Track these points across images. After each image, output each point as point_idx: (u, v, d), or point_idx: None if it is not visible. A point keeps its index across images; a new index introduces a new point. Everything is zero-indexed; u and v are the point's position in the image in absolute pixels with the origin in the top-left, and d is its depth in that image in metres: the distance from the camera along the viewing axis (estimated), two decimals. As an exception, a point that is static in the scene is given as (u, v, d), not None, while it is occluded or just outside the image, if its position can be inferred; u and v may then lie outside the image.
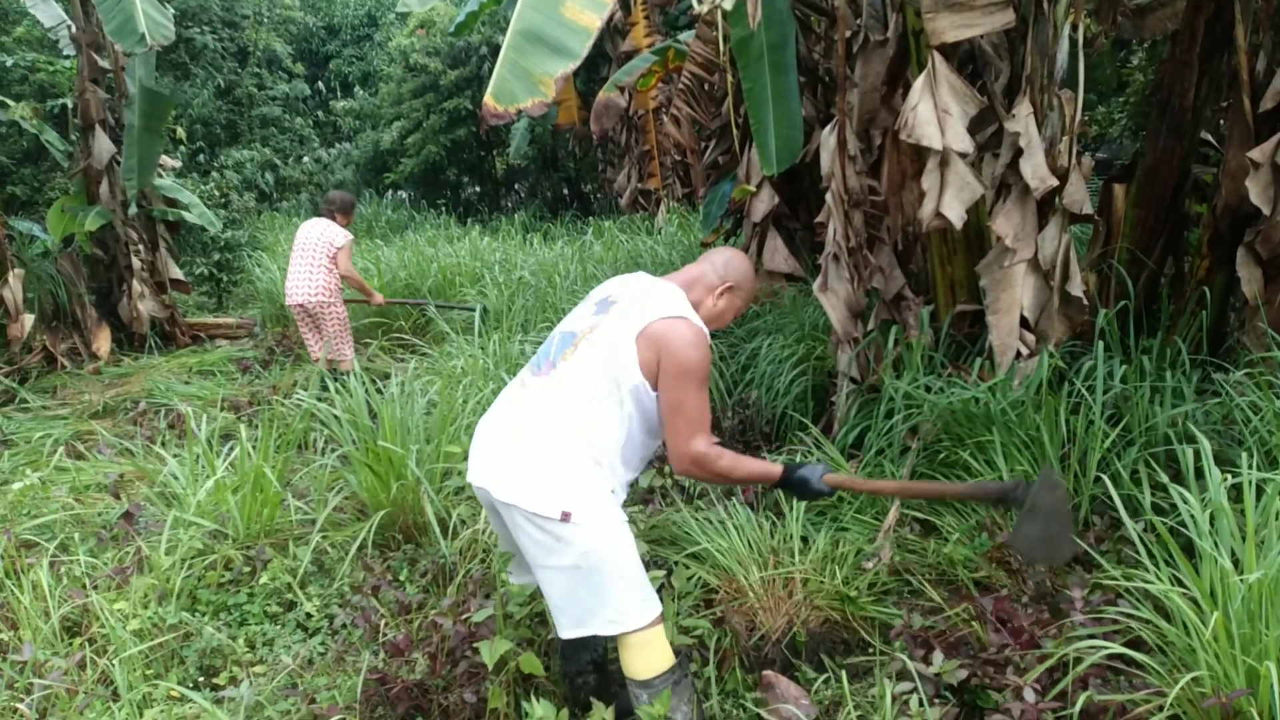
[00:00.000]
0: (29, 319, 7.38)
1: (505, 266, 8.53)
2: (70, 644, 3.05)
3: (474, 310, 6.63)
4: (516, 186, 18.79)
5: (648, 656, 2.30)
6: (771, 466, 2.45)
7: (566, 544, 2.21)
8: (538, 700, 2.39)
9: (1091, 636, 2.53)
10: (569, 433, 2.25)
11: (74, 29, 8.03)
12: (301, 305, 6.23)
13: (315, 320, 6.35)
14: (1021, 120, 3.61)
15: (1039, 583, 2.98)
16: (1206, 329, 3.96)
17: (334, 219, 6.43)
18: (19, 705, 2.70)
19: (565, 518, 2.18)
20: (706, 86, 6.55)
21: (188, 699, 2.71)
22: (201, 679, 2.95)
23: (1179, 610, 2.33)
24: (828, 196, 4.26)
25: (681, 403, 2.26)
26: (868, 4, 4.15)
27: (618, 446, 2.30)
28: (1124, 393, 3.64)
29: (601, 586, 2.25)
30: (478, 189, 18.59)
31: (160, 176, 8.85)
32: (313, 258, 6.20)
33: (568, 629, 2.31)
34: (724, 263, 2.52)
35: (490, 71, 3.96)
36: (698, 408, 2.28)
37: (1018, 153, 3.63)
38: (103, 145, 7.99)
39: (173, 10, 7.66)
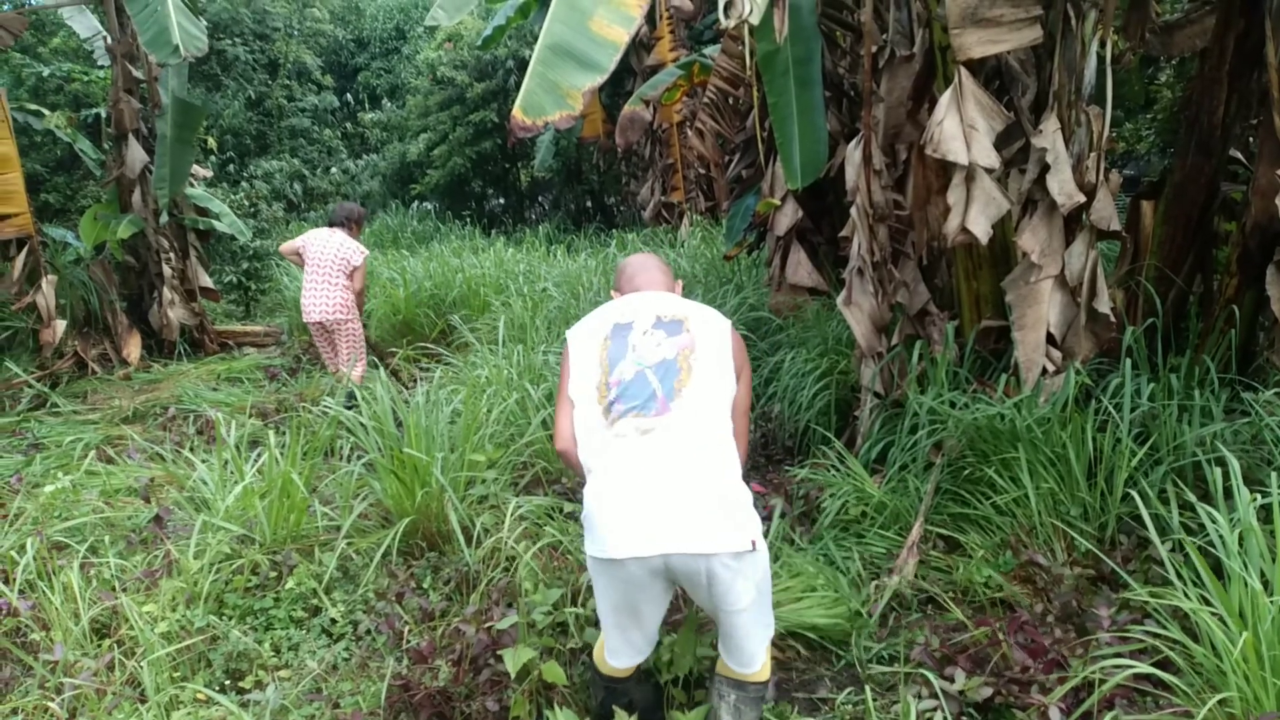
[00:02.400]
0: (61, 325, 7.50)
1: (529, 278, 8.58)
2: (100, 645, 3.09)
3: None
4: (540, 199, 18.89)
5: (768, 659, 2.39)
6: None
7: (750, 574, 2.17)
8: (560, 709, 2.41)
9: (1118, 656, 2.51)
10: (725, 458, 2.20)
11: (109, 40, 8.18)
12: (320, 323, 6.19)
13: (331, 336, 6.31)
14: (1049, 136, 3.60)
15: (1065, 602, 2.96)
16: (1235, 347, 3.93)
17: (350, 231, 6.38)
18: (50, 704, 2.74)
19: (754, 546, 2.14)
20: (731, 100, 6.58)
21: (214, 701, 2.74)
22: (227, 682, 2.99)
23: (1207, 630, 2.31)
24: (853, 211, 4.27)
25: (748, 410, 2.45)
26: (894, 19, 4.16)
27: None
28: (1151, 411, 3.61)
29: (768, 604, 2.30)
30: (502, 201, 18.70)
31: (191, 186, 8.98)
32: (330, 274, 6.14)
33: (746, 665, 2.32)
34: (668, 267, 2.71)
35: (516, 85, 4.00)
36: None
37: (1045, 168, 3.62)
38: (135, 154, 8.12)
39: (205, 22, 7.79)
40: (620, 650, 2.39)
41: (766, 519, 3.69)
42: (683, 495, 2.10)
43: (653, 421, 2.18)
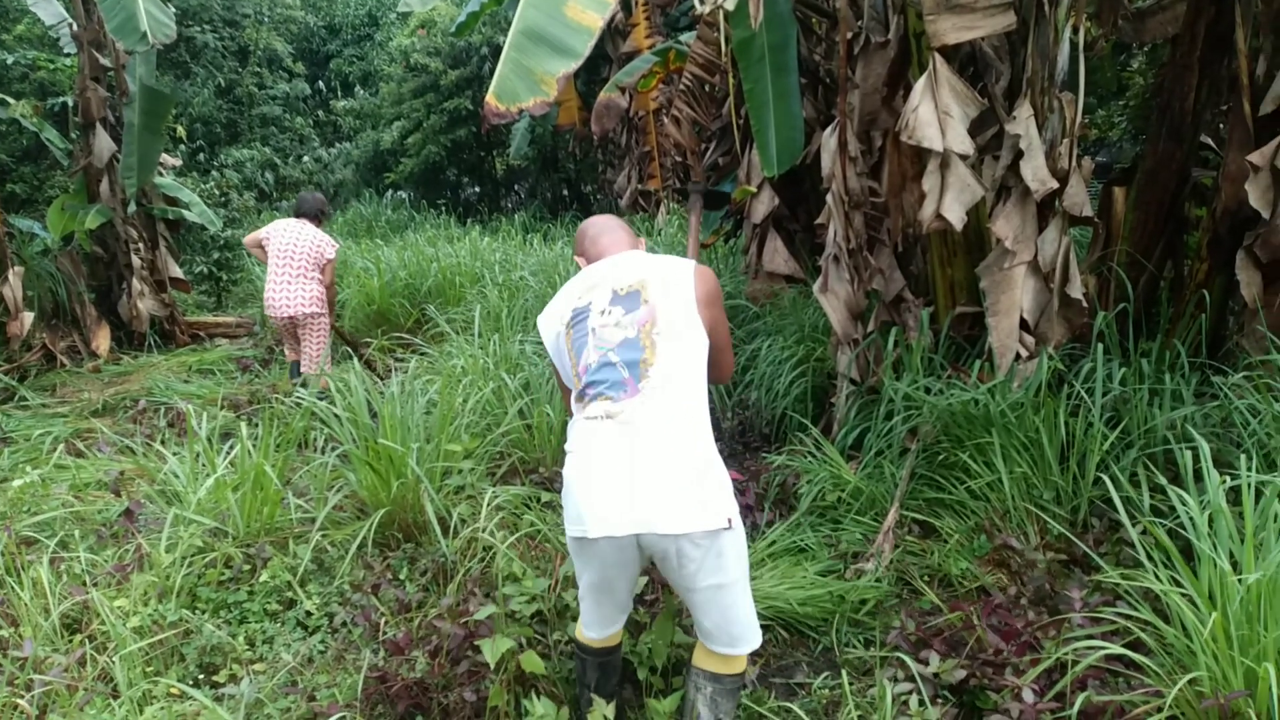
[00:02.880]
0: (29, 317, 7.38)
1: (505, 267, 8.54)
2: (70, 641, 3.05)
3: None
4: (516, 187, 18.79)
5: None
6: None
7: (727, 553, 2.16)
8: (538, 699, 2.40)
9: (1090, 637, 2.54)
10: (697, 436, 2.18)
11: (75, 27, 8.04)
12: (292, 318, 5.94)
13: (300, 330, 6.08)
14: (1022, 122, 3.62)
15: (1038, 585, 2.99)
16: (1205, 332, 3.98)
17: (318, 223, 6.15)
18: (19, 701, 2.70)
19: (729, 524, 2.13)
20: (707, 88, 6.55)
21: (188, 696, 2.71)
22: (201, 676, 2.95)
23: (1178, 611, 2.34)
24: (828, 198, 4.27)
25: (729, 333, 2.42)
26: (869, 6, 4.16)
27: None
28: (1123, 395, 3.65)
29: (746, 584, 2.25)
30: (478, 189, 18.59)
31: (160, 175, 8.86)
32: (303, 267, 5.90)
33: (729, 645, 2.29)
34: (627, 227, 2.63)
35: (491, 72, 3.97)
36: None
37: (1018, 155, 3.64)
38: (103, 143, 7.99)
39: (174, 9, 7.68)
40: (595, 623, 2.44)
41: (747, 509, 3.70)
42: (654, 476, 2.10)
43: (622, 405, 2.17)
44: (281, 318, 5.96)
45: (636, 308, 2.27)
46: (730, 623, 2.25)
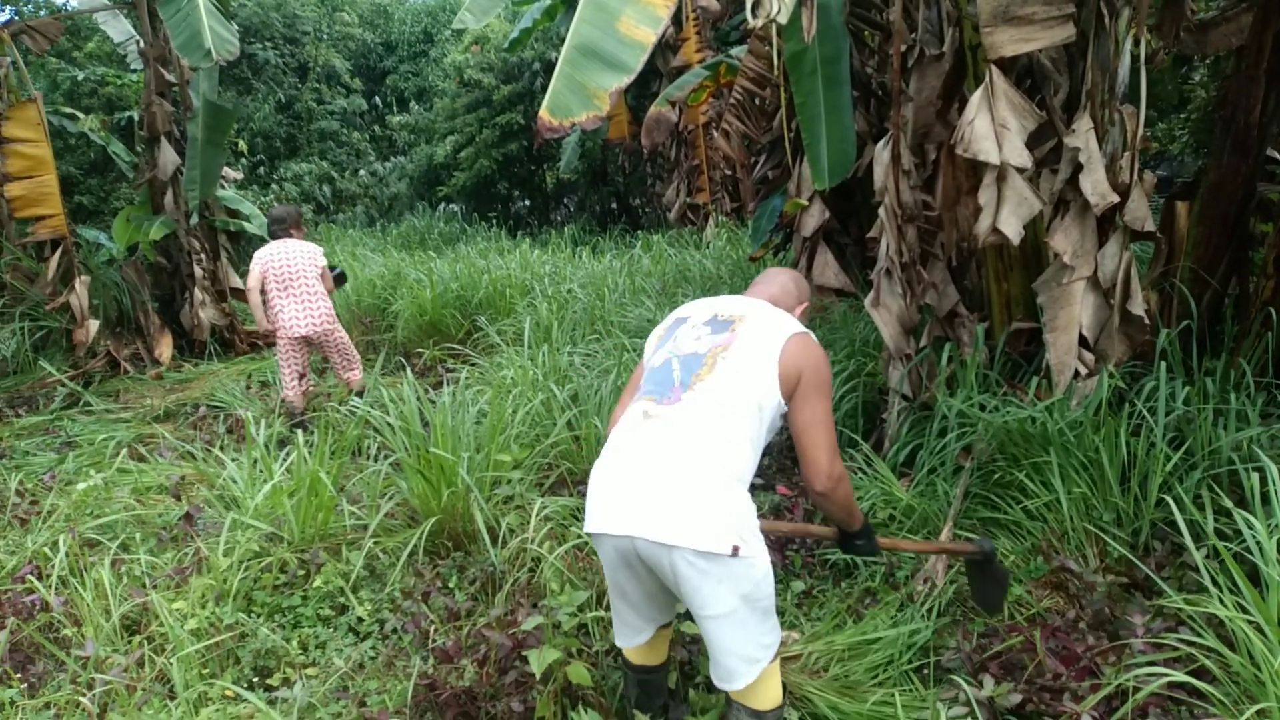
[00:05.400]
0: (94, 324, 7.62)
1: (555, 279, 8.59)
2: (130, 642, 3.12)
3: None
4: (566, 200, 18.95)
5: (773, 685, 2.27)
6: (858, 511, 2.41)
7: (732, 582, 2.08)
8: (585, 711, 2.40)
9: (1152, 664, 2.47)
10: (722, 458, 2.12)
11: (142, 44, 8.31)
12: (306, 336, 5.92)
13: (324, 348, 6.09)
14: (1081, 135, 3.55)
15: (1098, 609, 2.91)
16: (1272, 350, 3.86)
17: (300, 234, 6.12)
18: (81, 699, 2.77)
19: (735, 552, 2.05)
20: (758, 101, 6.56)
21: (242, 698, 2.76)
22: (256, 679, 3.01)
23: (1244, 639, 2.27)
24: (881, 211, 4.23)
25: (824, 416, 2.22)
26: (923, 18, 4.13)
27: (754, 467, 2.21)
28: (1186, 415, 3.55)
29: (757, 621, 2.17)
30: (528, 203, 18.79)
31: (222, 188, 9.08)
32: (311, 283, 5.90)
33: (724, 680, 2.22)
34: (794, 282, 2.57)
35: (542, 87, 4.00)
36: (832, 423, 2.26)
37: (1077, 168, 3.58)
38: (167, 157, 8.23)
39: (237, 26, 7.89)
40: (618, 628, 2.43)
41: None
42: (661, 482, 2.08)
43: (660, 409, 2.19)
44: (297, 337, 5.90)
45: (722, 333, 2.28)
46: (723, 654, 2.17)
